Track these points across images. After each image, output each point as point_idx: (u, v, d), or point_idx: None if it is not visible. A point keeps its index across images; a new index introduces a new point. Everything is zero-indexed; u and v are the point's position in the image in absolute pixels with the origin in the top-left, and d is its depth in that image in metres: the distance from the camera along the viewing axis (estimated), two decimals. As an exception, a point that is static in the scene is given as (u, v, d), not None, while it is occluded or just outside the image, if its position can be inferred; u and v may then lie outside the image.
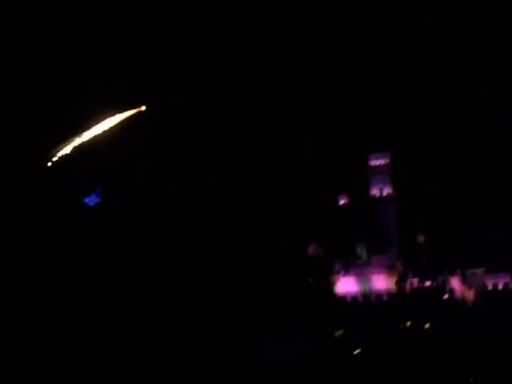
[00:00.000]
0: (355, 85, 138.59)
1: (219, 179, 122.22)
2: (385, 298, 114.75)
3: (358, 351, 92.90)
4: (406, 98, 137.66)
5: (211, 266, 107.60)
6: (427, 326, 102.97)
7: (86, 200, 76.17)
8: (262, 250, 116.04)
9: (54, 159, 72.22)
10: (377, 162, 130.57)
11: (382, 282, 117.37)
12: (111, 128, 74.23)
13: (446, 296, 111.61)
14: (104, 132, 74.04)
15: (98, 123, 73.83)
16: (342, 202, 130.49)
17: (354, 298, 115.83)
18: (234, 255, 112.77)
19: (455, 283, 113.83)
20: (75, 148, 72.30)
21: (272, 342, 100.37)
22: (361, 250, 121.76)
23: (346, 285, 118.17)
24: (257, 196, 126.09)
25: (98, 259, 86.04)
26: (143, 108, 76.21)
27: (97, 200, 76.73)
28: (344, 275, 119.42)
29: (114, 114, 74.85)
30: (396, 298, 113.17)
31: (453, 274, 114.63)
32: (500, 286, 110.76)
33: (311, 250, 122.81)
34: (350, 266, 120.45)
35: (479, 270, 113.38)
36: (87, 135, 73.64)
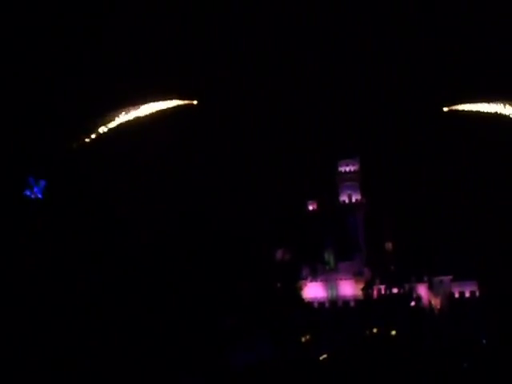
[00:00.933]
0: (325, 90, 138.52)
1: (188, 184, 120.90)
2: (352, 304, 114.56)
3: (324, 357, 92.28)
4: (377, 104, 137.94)
5: (176, 269, 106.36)
6: (393, 332, 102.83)
7: (27, 192, 72.90)
8: (228, 255, 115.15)
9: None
10: (346, 168, 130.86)
11: (349, 289, 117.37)
12: (148, 115, 68.85)
13: (412, 303, 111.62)
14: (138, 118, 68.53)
15: (134, 107, 68.29)
16: (310, 207, 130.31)
17: (321, 304, 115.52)
18: (200, 259, 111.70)
19: (422, 290, 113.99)
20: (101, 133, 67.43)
21: (237, 347, 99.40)
22: (328, 256, 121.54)
23: (313, 290, 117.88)
24: (225, 200, 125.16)
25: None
26: (195, 102, 70.23)
27: (39, 194, 73.51)
28: (311, 281, 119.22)
29: (154, 101, 69.16)
30: (363, 305, 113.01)
31: (420, 281, 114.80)
32: (467, 294, 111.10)
33: (279, 254, 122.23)
34: (318, 271, 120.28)
35: (446, 278, 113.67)
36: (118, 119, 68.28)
